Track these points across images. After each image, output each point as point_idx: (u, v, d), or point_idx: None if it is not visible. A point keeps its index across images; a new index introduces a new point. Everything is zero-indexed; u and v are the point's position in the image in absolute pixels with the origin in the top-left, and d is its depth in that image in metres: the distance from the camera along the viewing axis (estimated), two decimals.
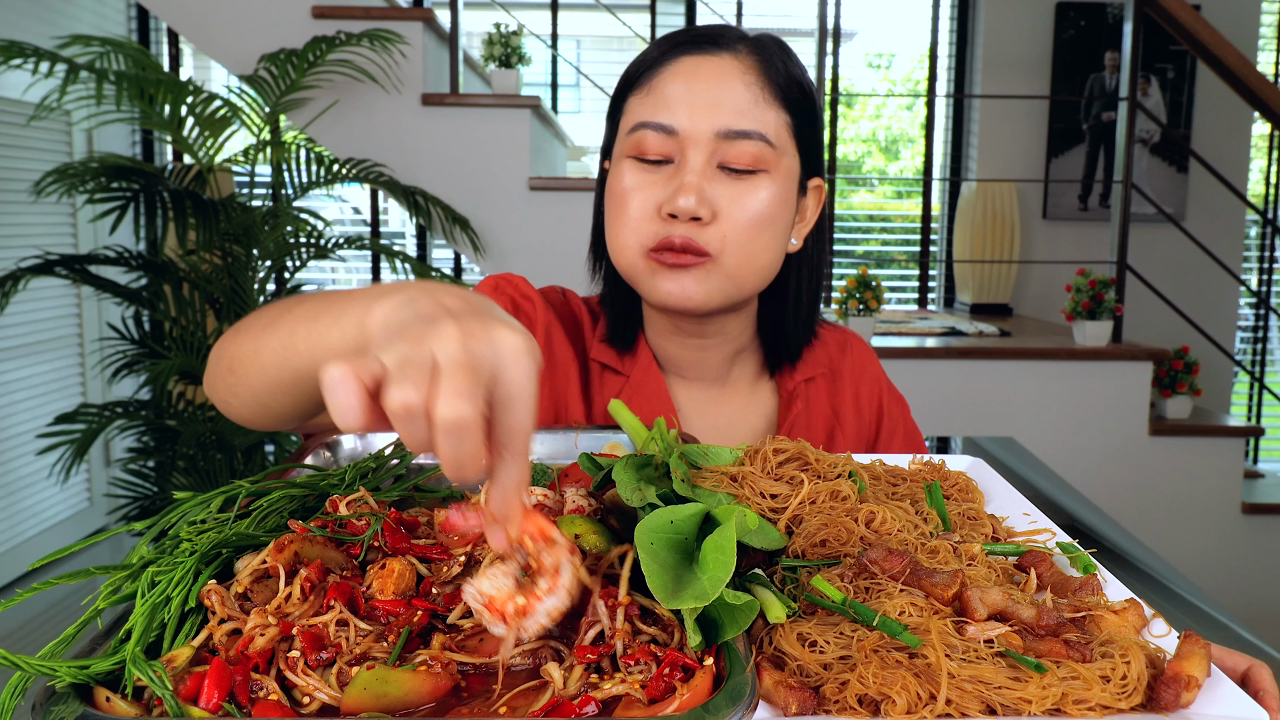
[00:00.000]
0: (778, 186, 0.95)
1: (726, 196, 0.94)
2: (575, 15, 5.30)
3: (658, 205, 0.94)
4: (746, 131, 0.93)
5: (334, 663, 0.52)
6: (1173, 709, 0.52)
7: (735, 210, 0.94)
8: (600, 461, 0.72)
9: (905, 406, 1.19)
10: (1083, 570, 0.69)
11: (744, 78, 0.94)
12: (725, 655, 0.52)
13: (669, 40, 0.98)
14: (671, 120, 0.93)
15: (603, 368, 1.07)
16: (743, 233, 0.94)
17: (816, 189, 1.03)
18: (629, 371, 1.06)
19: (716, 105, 0.93)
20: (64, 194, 2.75)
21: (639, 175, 0.96)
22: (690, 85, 0.94)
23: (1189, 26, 3.18)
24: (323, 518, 0.67)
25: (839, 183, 5.46)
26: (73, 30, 3.99)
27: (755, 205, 0.94)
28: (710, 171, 0.94)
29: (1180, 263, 4.40)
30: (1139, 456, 3.27)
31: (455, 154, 3.23)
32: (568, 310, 1.10)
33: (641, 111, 0.96)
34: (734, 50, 0.95)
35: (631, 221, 0.96)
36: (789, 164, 0.97)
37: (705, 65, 0.94)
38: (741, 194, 0.94)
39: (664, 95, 0.95)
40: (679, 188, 0.92)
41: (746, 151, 0.93)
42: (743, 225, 0.94)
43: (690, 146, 0.93)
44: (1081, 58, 4.64)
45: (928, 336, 3.48)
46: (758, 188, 0.94)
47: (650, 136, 0.94)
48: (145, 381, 3.04)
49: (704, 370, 1.08)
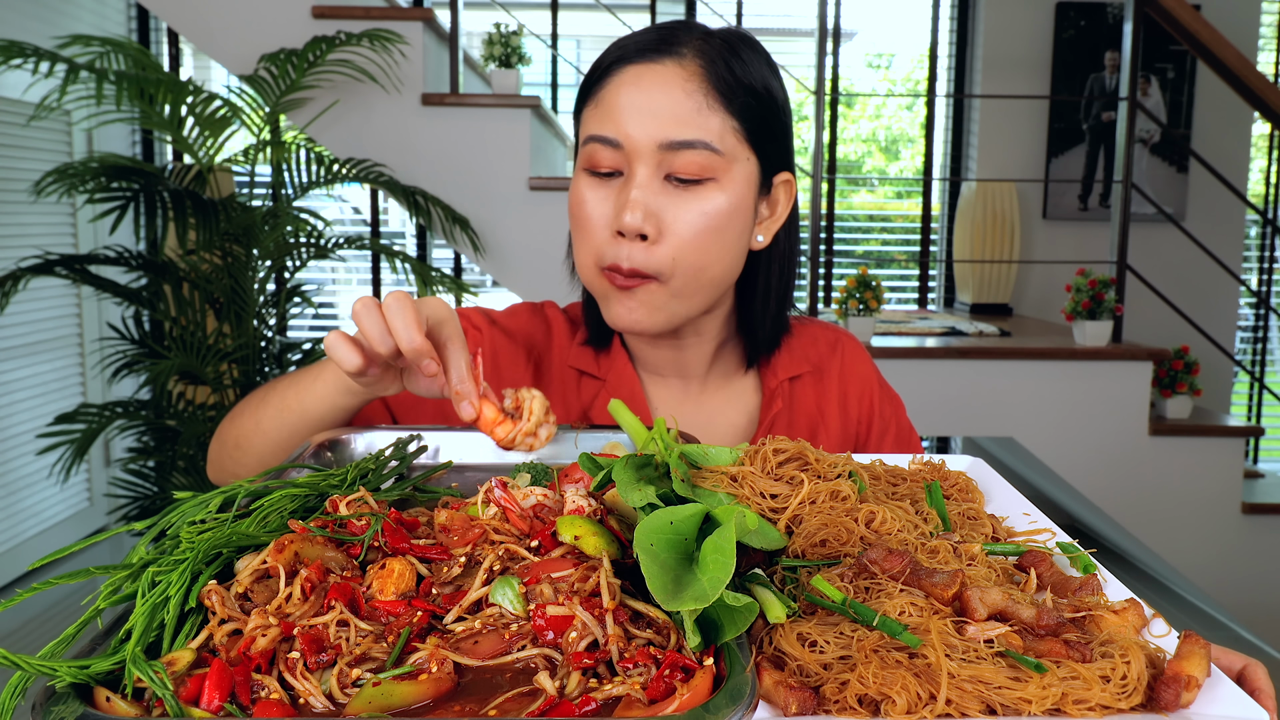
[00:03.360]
0: (728, 194, 0.95)
1: (673, 209, 0.93)
2: (575, 15, 5.30)
3: (609, 220, 0.95)
4: (689, 141, 0.92)
5: (334, 664, 0.52)
6: (1173, 709, 0.52)
7: (682, 225, 0.93)
8: (600, 461, 0.72)
9: (899, 406, 1.18)
10: (1083, 570, 0.69)
11: (685, 85, 0.93)
12: (725, 655, 0.52)
13: (618, 47, 0.98)
14: (616, 133, 0.93)
15: (580, 374, 1.08)
16: (691, 249, 0.94)
17: (785, 184, 1.03)
18: (605, 375, 1.07)
19: (658, 115, 0.92)
20: (64, 194, 2.75)
21: (593, 190, 0.96)
22: (633, 96, 0.93)
23: (1189, 26, 3.18)
24: (323, 518, 0.67)
25: (839, 183, 5.45)
26: (73, 30, 3.99)
27: (703, 218, 0.94)
28: (657, 184, 0.93)
29: (1180, 263, 4.40)
30: (1139, 456, 3.27)
31: (455, 154, 3.23)
32: (538, 326, 1.11)
33: (590, 124, 0.96)
34: (678, 56, 0.94)
35: (587, 238, 0.97)
36: (742, 168, 0.96)
37: (648, 74, 0.93)
38: (688, 206, 0.93)
39: (610, 107, 0.94)
40: (624, 204, 0.93)
41: (692, 161, 0.92)
42: (690, 240, 0.94)
43: (635, 159, 0.93)
44: (1081, 58, 4.64)
45: (928, 336, 3.48)
46: (706, 198, 0.94)
47: (599, 150, 0.95)
48: (145, 381, 3.04)
49: (682, 369, 1.09)
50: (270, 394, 0.96)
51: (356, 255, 5.16)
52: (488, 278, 5.36)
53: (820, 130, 3.42)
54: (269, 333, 3.14)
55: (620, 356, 1.08)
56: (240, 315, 3.00)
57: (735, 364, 1.12)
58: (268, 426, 0.95)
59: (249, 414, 0.97)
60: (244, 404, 0.99)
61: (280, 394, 0.95)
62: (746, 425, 1.11)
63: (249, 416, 0.97)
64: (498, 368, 1.07)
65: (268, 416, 0.95)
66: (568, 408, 1.07)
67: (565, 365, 1.08)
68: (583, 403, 1.07)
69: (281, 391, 0.94)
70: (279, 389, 0.95)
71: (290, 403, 0.93)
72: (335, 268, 5.37)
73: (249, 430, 0.97)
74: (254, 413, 0.97)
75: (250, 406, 0.98)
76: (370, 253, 4.91)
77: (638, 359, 1.09)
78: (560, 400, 1.07)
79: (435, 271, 3.36)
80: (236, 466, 0.99)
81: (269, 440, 0.95)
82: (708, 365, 1.09)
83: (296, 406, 0.92)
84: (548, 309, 1.14)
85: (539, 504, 0.69)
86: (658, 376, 1.10)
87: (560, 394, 1.08)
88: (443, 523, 0.67)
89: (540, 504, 0.69)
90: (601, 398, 1.06)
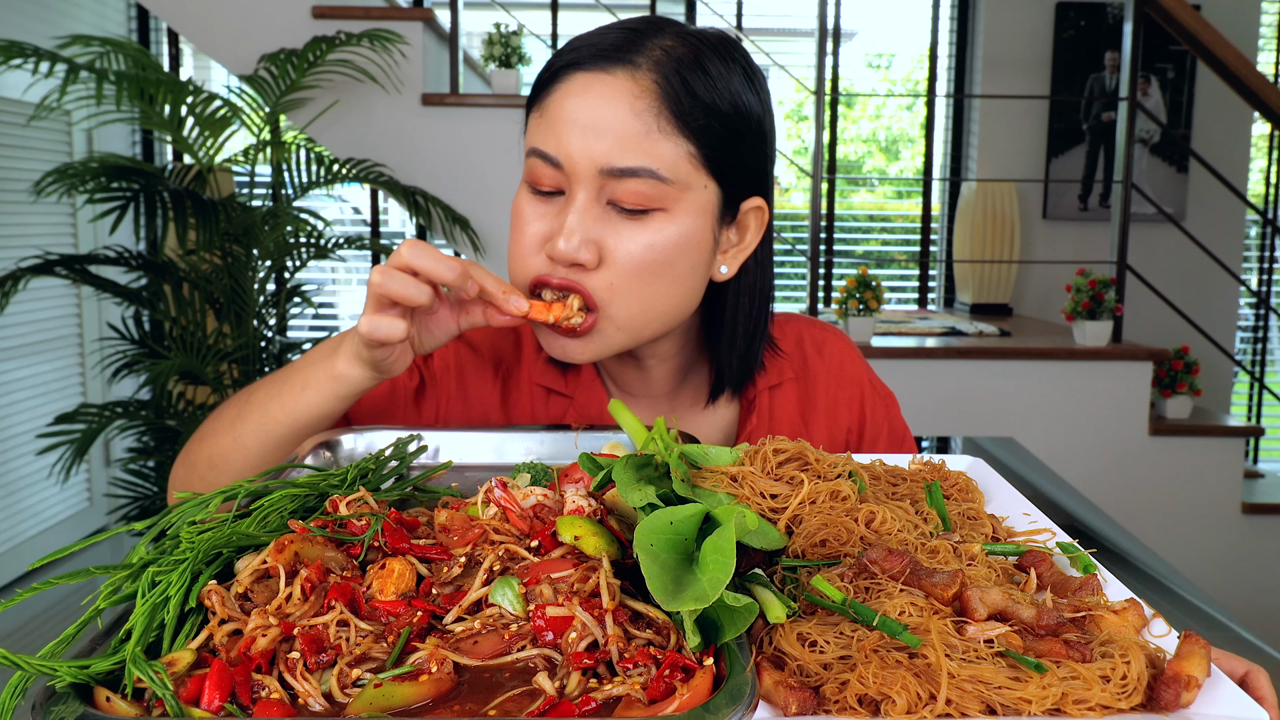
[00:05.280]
0: (677, 225, 0.86)
1: (614, 238, 0.85)
2: (575, 15, 5.30)
3: (544, 239, 0.87)
4: (633, 169, 0.83)
5: (334, 664, 0.52)
6: (1173, 709, 0.52)
7: (622, 255, 0.85)
8: (600, 461, 0.72)
9: (892, 403, 1.12)
10: (1083, 570, 0.69)
11: (635, 104, 0.83)
12: (725, 655, 0.52)
13: (572, 49, 0.88)
14: (557, 151, 0.85)
15: (548, 392, 1.03)
16: (632, 280, 0.86)
17: (756, 210, 0.93)
18: (572, 393, 1.02)
19: (601, 135, 0.83)
20: (64, 194, 2.75)
21: (532, 206, 0.89)
22: (577, 110, 0.84)
23: (1189, 26, 3.18)
24: (323, 518, 0.67)
25: (839, 183, 5.45)
26: (73, 30, 3.98)
27: (647, 251, 0.85)
28: (597, 210, 0.85)
29: (1180, 263, 4.40)
30: (1139, 456, 3.27)
31: (455, 154, 3.23)
32: (506, 339, 1.06)
33: (534, 135, 0.88)
34: (632, 68, 0.84)
35: (520, 255, 0.89)
36: (697, 197, 0.86)
37: (597, 86, 0.84)
38: (631, 237, 0.85)
39: (552, 119, 0.85)
40: (559, 229, 0.85)
41: (635, 190, 0.83)
42: (631, 272, 0.85)
43: (575, 182, 0.85)
44: (1081, 58, 4.64)
45: (928, 336, 3.48)
46: (650, 229, 0.85)
47: (540, 166, 0.87)
48: (145, 381, 3.04)
49: (650, 387, 1.03)
50: (247, 408, 0.90)
51: (356, 255, 5.16)
52: None
53: (820, 130, 3.42)
54: (269, 333, 3.14)
55: (588, 373, 1.02)
56: (240, 315, 3.00)
57: (706, 380, 1.05)
58: (249, 442, 0.89)
59: (224, 431, 0.91)
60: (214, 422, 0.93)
61: (260, 407, 0.89)
62: (723, 441, 1.05)
63: (225, 434, 0.91)
64: (464, 381, 1.02)
65: (249, 431, 0.89)
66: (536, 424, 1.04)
67: (532, 382, 1.03)
68: (550, 420, 1.03)
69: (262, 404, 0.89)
70: (257, 402, 0.90)
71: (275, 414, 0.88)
72: (335, 268, 5.37)
73: (226, 448, 0.90)
74: (230, 429, 0.90)
75: (224, 423, 0.91)
76: (370, 253, 4.91)
77: (606, 376, 1.04)
78: (528, 416, 1.03)
79: None
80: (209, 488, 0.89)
81: (250, 456, 0.89)
82: (674, 385, 1.04)
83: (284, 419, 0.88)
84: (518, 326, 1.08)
85: (539, 504, 0.69)
86: (627, 394, 1.04)
87: (529, 410, 1.03)
88: (443, 523, 0.67)
89: (540, 504, 0.69)
90: (570, 417, 1.02)
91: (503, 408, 1.03)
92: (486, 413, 1.03)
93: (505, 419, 1.03)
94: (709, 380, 1.04)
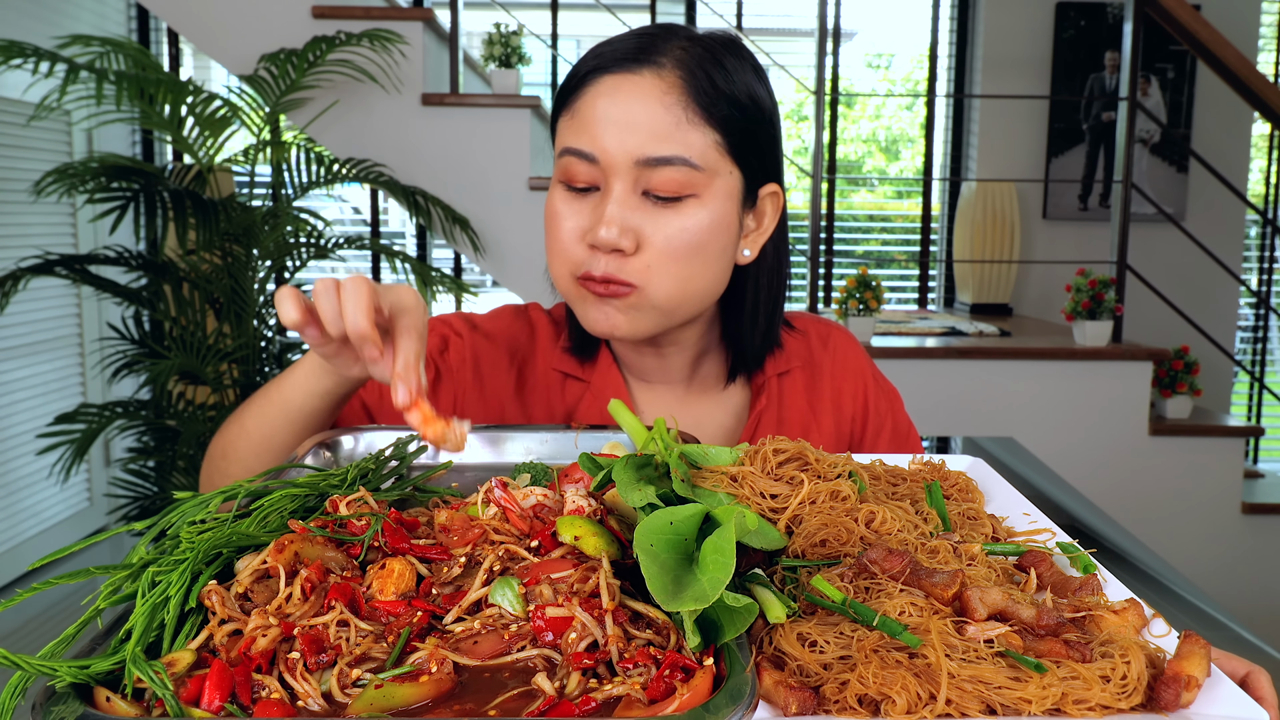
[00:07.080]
0: (709, 210, 0.92)
1: (651, 225, 0.91)
2: (575, 15, 5.30)
3: (584, 232, 0.93)
4: (667, 158, 0.89)
5: (334, 664, 0.52)
6: (1173, 709, 0.52)
7: (660, 240, 0.91)
8: (600, 461, 0.72)
9: (896, 399, 1.16)
10: (1083, 570, 0.69)
11: (664, 99, 0.89)
12: (725, 655, 0.52)
13: (595, 55, 0.94)
14: (592, 148, 0.90)
15: (564, 376, 1.07)
16: (669, 263, 0.92)
17: (772, 196, 1.00)
18: (589, 378, 1.06)
19: (635, 130, 0.89)
20: (64, 194, 2.75)
21: (568, 203, 0.94)
22: (609, 109, 0.90)
23: (1189, 26, 3.18)
24: (323, 518, 0.67)
25: (839, 183, 5.46)
26: (73, 30, 3.99)
27: (682, 234, 0.91)
28: (634, 200, 0.91)
29: (1180, 263, 4.40)
30: (1139, 456, 3.27)
31: (455, 154, 3.23)
32: (521, 328, 1.10)
33: (566, 136, 0.94)
34: (657, 67, 0.90)
35: (560, 248, 0.95)
36: (724, 183, 0.93)
37: (625, 86, 0.90)
38: (667, 222, 0.91)
39: (585, 120, 0.91)
40: (600, 219, 0.90)
41: (670, 178, 0.90)
42: (668, 255, 0.91)
43: (612, 175, 0.90)
44: (1081, 58, 4.64)
45: (928, 336, 3.48)
46: (685, 215, 0.91)
47: (575, 164, 0.92)
48: (145, 381, 3.04)
49: (667, 374, 1.08)
50: (252, 403, 0.95)
51: (356, 255, 5.16)
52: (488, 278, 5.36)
53: (820, 130, 3.42)
54: (269, 333, 3.14)
55: (605, 360, 1.07)
56: (240, 315, 3.00)
57: (721, 368, 1.10)
58: (250, 427, 0.93)
59: (234, 423, 0.96)
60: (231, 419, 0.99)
61: (263, 394, 0.94)
62: (735, 426, 1.10)
63: (234, 425, 0.96)
64: (480, 372, 1.06)
65: (250, 417, 0.94)
66: (551, 410, 1.06)
67: (549, 368, 1.07)
68: (567, 405, 1.06)
69: (263, 398, 0.94)
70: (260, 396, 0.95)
71: (271, 396, 0.92)
72: (335, 268, 5.37)
73: (234, 436, 0.95)
74: (238, 420, 0.96)
75: (235, 417, 0.97)
76: (370, 253, 4.91)
77: (622, 362, 1.09)
78: (544, 402, 1.06)
79: (435, 271, 3.36)
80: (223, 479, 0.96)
81: (253, 442, 0.94)
82: (690, 372, 1.08)
83: (277, 399, 0.91)
84: (531, 311, 1.13)
85: (539, 504, 0.69)
86: (643, 381, 1.09)
87: (544, 396, 1.06)
88: (443, 523, 0.67)
89: (540, 504, 0.69)
90: (586, 401, 1.06)
91: (518, 396, 1.07)
92: (502, 402, 1.06)
93: (521, 407, 1.06)
94: (722, 367, 1.10)
